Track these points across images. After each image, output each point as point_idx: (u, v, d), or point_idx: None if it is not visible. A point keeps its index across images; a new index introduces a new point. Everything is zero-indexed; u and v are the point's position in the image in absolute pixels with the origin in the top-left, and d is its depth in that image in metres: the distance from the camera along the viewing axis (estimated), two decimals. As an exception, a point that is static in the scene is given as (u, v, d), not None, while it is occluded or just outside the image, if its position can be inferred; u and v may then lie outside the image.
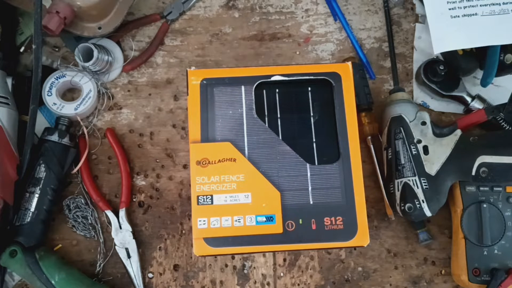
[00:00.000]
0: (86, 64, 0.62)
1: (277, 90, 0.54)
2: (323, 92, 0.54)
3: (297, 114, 0.54)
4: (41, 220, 0.59)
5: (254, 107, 0.53)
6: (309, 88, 0.54)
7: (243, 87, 0.53)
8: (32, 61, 0.56)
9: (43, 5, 0.55)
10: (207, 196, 0.50)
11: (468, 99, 0.64)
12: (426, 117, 0.60)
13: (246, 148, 0.52)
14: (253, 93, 0.53)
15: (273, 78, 0.53)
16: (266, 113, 0.54)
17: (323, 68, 0.54)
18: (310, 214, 0.50)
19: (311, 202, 0.50)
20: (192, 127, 0.52)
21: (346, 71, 0.53)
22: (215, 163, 0.50)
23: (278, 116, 0.54)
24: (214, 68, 0.55)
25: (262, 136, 0.52)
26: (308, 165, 0.51)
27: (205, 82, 0.53)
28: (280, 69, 0.54)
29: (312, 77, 0.53)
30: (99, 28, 0.63)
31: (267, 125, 0.53)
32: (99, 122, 0.66)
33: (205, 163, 0.50)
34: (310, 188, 0.51)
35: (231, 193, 0.50)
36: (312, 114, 0.54)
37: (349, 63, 0.54)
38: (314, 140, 0.53)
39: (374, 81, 0.67)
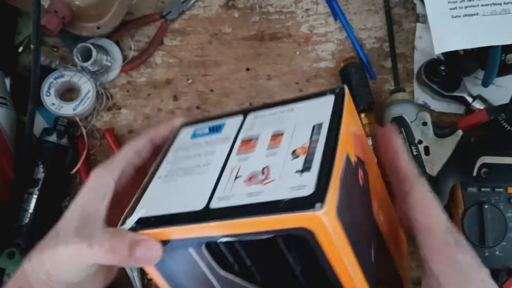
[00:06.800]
0: (85, 64, 0.62)
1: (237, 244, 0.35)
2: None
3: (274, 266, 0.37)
4: (40, 221, 0.58)
5: (215, 265, 0.36)
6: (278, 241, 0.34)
7: (191, 249, 0.35)
8: (30, 61, 0.56)
9: (42, 5, 0.55)
10: None
11: (469, 99, 0.63)
12: (427, 117, 0.59)
13: None
14: (206, 253, 0.35)
15: (220, 240, 0.33)
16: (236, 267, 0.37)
17: (284, 223, 0.29)
18: None
19: None
20: None
21: (321, 226, 0.28)
22: None
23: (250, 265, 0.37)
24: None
25: None
26: None
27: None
28: (227, 226, 0.32)
29: (269, 236, 0.31)
30: (98, 28, 0.62)
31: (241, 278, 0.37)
32: (98, 123, 0.65)
33: None
34: None
35: None
36: (293, 267, 0.35)
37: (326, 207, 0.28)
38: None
39: (374, 81, 0.67)
